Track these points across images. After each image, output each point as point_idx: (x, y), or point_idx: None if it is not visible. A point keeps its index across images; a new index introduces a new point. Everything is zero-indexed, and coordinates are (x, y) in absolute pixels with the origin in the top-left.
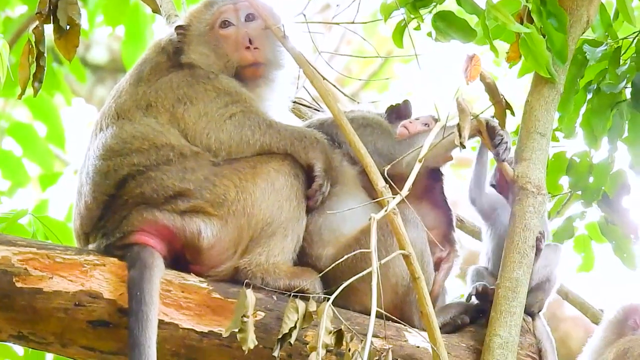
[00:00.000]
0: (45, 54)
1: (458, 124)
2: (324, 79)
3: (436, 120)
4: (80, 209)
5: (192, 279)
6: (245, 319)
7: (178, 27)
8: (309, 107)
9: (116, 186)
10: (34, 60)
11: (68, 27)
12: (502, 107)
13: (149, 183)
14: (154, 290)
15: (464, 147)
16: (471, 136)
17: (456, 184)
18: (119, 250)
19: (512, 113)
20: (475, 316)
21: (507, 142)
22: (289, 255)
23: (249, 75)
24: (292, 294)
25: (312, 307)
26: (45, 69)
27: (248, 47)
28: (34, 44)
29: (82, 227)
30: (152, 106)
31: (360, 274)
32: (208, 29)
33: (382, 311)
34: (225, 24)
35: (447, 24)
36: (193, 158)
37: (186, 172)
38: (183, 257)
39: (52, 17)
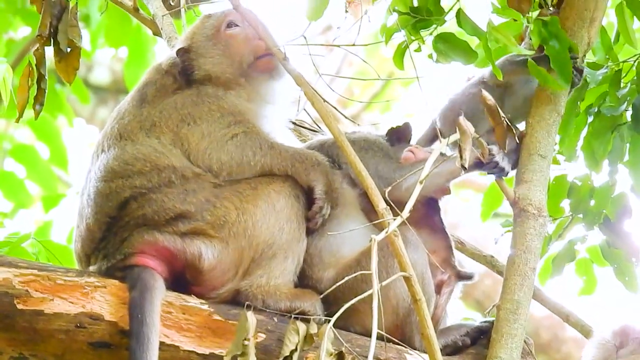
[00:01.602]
0: (47, 76)
1: (460, 146)
2: (325, 100)
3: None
4: (82, 231)
5: (193, 301)
6: (246, 342)
7: (181, 50)
8: (309, 129)
9: (118, 208)
10: (34, 82)
11: (69, 49)
12: (503, 129)
13: (150, 205)
14: (154, 312)
15: (465, 168)
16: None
17: (458, 205)
18: (119, 272)
19: (513, 135)
20: (476, 338)
21: (497, 162)
22: (290, 277)
23: (263, 67)
24: (293, 315)
25: (313, 329)
26: (46, 91)
27: (259, 39)
28: (34, 67)
29: (83, 249)
30: (156, 126)
31: (362, 296)
32: (214, 32)
33: (383, 333)
34: (231, 24)
35: (448, 45)
36: (194, 180)
37: (187, 194)
38: (184, 278)
39: (52, 40)
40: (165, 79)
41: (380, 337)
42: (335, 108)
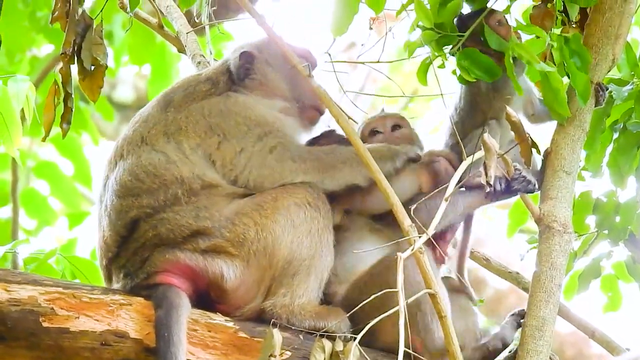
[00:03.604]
0: (73, 95)
1: (484, 163)
2: (349, 117)
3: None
4: (100, 241)
5: (218, 318)
6: (272, 358)
7: (247, 53)
8: None
9: (127, 227)
10: (60, 101)
11: (93, 67)
12: (528, 145)
13: (163, 224)
14: (181, 331)
15: (490, 186)
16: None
17: (483, 222)
18: (144, 290)
19: (538, 151)
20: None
21: (525, 176)
22: (315, 294)
23: (308, 117)
24: (319, 333)
25: (339, 346)
26: (73, 109)
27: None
28: (60, 85)
29: (101, 259)
30: (181, 130)
31: (387, 313)
32: (281, 62)
33: (410, 351)
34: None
35: (471, 62)
36: (204, 193)
37: (199, 210)
38: (208, 296)
39: (76, 58)
40: (202, 85)
41: (407, 355)
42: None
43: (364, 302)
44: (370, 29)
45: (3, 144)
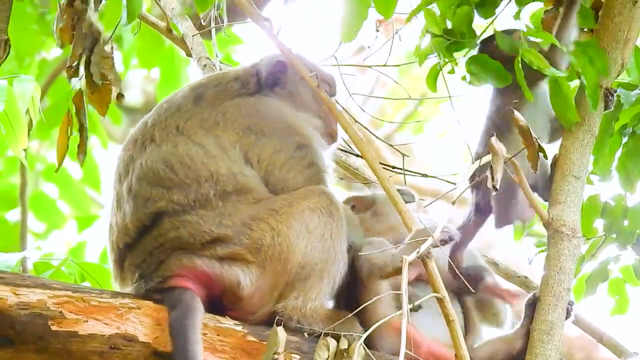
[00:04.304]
0: (87, 124)
1: (491, 167)
2: (356, 121)
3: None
4: (117, 221)
5: (227, 322)
6: (276, 356)
7: (282, 62)
8: (342, 150)
9: (150, 217)
10: (73, 130)
11: (102, 82)
12: (535, 150)
13: (186, 227)
14: (197, 334)
15: (496, 190)
16: None
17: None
18: (157, 294)
19: (545, 156)
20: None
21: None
22: (327, 298)
23: (326, 139)
24: (323, 332)
25: (344, 345)
26: (88, 139)
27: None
28: (73, 114)
29: (117, 242)
30: (218, 126)
31: (390, 316)
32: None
33: (411, 354)
34: (326, 91)
35: (481, 67)
36: (234, 197)
37: (223, 217)
38: (219, 302)
39: (85, 72)
40: (233, 83)
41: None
42: (367, 129)
43: (367, 303)
44: (377, 31)
45: (9, 144)
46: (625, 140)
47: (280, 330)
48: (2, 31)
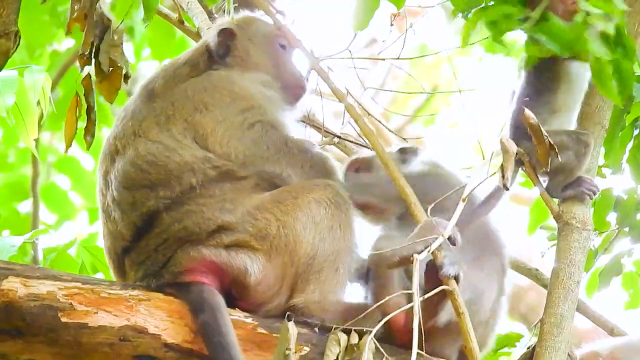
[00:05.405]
0: (95, 106)
1: (501, 165)
2: (369, 113)
3: None
4: (112, 231)
5: (237, 314)
6: (287, 352)
7: (227, 30)
8: (354, 142)
9: (142, 218)
10: (82, 113)
11: (110, 69)
12: (546, 147)
13: (189, 217)
14: (231, 333)
15: (507, 189)
16: None
17: (508, 222)
18: (171, 289)
19: (556, 154)
20: None
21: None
22: (344, 290)
23: (292, 97)
24: (334, 326)
25: (354, 339)
26: (96, 121)
27: (301, 76)
28: (82, 97)
29: (114, 247)
30: (169, 118)
31: (402, 309)
32: (266, 41)
33: (422, 352)
34: (283, 46)
35: (549, 35)
36: (226, 184)
37: (225, 203)
38: (229, 293)
39: (94, 61)
40: (181, 68)
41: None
42: (379, 121)
43: (382, 302)
44: (392, 25)
45: (19, 135)
46: (636, 132)
47: (291, 325)
48: (12, 22)
